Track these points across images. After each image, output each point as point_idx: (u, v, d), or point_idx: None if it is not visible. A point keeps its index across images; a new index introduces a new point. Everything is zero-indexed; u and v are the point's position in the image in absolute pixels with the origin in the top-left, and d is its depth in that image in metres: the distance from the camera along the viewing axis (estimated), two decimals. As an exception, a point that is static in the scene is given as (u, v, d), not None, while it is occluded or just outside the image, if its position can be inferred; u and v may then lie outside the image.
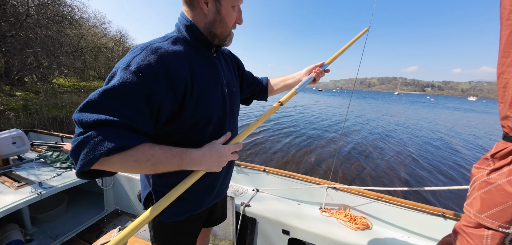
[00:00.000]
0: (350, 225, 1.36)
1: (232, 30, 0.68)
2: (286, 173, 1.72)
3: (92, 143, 0.43)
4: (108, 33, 19.26)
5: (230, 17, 0.62)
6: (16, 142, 1.92)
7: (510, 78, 0.58)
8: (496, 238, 0.59)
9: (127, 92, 0.47)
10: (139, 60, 0.50)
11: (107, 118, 0.45)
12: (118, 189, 1.98)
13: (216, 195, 0.82)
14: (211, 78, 0.65)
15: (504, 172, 0.58)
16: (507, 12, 0.57)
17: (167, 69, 0.52)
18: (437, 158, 5.99)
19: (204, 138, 0.65)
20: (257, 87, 0.97)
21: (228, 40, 0.68)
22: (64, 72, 11.31)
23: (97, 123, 0.45)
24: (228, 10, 0.61)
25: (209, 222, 0.93)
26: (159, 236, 0.76)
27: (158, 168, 0.52)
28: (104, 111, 0.46)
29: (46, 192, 1.52)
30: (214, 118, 0.65)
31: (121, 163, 0.47)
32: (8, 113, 6.40)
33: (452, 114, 20.13)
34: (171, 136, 0.62)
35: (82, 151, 0.44)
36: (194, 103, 0.59)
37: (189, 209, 0.74)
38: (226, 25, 0.63)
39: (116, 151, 0.45)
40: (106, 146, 0.43)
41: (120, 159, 0.47)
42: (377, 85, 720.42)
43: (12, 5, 8.43)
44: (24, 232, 1.63)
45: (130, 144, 0.47)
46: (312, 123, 10.54)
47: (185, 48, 0.60)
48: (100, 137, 0.44)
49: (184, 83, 0.55)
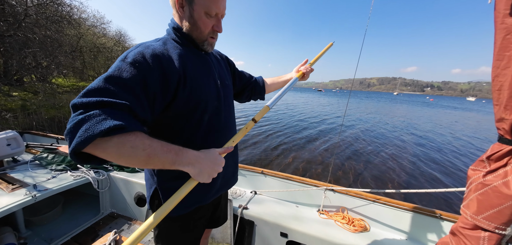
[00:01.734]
0: (348, 227, 1.35)
1: (210, 37, 0.69)
2: (284, 175, 1.71)
3: (93, 121, 0.43)
4: (108, 33, 19.24)
5: (203, 23, 0.65)
6: (10, 144, 1.89)
7: (504, 81, 0.58)
8: (493, 239, 0.59)
9: (126, 79, 0.50)
10: (135, 53, 0.55)
11: (109, 100, 0.47)
12: (114, 191, 1.96)
13: (222, 184, 0.81)
14: (202, 70, 0.69)
15: (500, 173, 0.59)
16: (501, 16, 0.58)
17: (160, 62, 0.57)
18: (435, 160, 6.02)
19: (201, 126, 0.68)
20: (251, 83, 1.01)
21: (206, 45, 0.70)
22: (63, 72, 11.26)
23: (99, 103, 0.46)
24: (201, 15, 0.64)
25: (212, 222, 0.94)
26: (164, 234, 0.76)
27: (152, 160, 0.51)
28: (105, 94, 0.47)
29: (41, 194, 1.50)
30: (210, 107, 0.68)
31: (118, 147, 0.46)
32: (5, 114, 6.34)
33: (450, 115, 20.29)
34: (170, 125, 0.65)
35: (81, 127, 0.43)
36: (188, 92, 0.62)
37: (196, 200, 0.74)
38: (199, 30, 0.66)
39: (116, 131, 0.45)
40: (108, 123, 0.43)
41: (118, 142, 0.46)
42: (377, 85, 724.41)
43: (10, 5, 8.40)
44: (18, 235, 1.60)
45: (130, 126, 0.48)
46: (310, 124, 10.56)
47: (175, 46, 0.65)
48: (102, 116, 0.44)
49: (176, 76, 0.59)
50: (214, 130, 0.72)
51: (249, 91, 1.01)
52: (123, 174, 1.93)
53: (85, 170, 1.89)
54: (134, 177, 1.88)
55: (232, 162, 0.84)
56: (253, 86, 1.01)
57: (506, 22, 0.57)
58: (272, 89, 1.08)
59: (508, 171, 0.57)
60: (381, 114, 17.37)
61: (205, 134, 0.70)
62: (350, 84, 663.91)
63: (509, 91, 0.57)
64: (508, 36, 0.56)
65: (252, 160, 5.29)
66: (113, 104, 0.47)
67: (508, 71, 0.57)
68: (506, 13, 0.56)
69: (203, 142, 0.70)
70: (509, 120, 0.58)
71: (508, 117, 0.58)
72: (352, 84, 1.80)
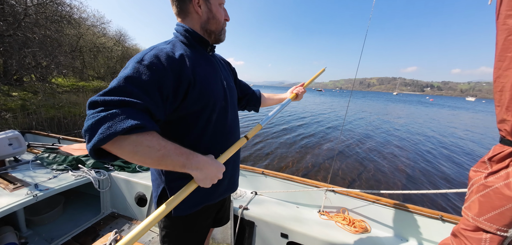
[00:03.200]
0: (349, 228, 1.35)
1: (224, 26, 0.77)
2: (285, 176, 1.71)
3: (116, 119, 0.45)
4: (107, 32, 19.22)
5: (219, 13, 0.73)
6: (12, 143, 1.90)
7: (506, 82, 0.58)
8: (494, 241, 0.59)
9: (144, 81, 0.53)
10: (151, 56, 0.57)
11: (130, 100, 0.49)
12: (115, 191, 1.96)
13: (228, 186, 0.84)
14: (210, 70, 0.72)
15: (502, 175, 0.58)
16: (503, 17, 0.57)
17: (173, 65, 0.60)
18: (436, 161, 6.02)
19: (210, 125, 0.70)
20: (250, 94, 1.07)
21: (223, 34, 0.78)
22: (63, 72, 11.26)
23: (121, 102, 0.48)
24: (217, 7, 0.72)
25: (215, 221, 0.97)
26: (172, 235, 0.77)
27: (165, 161, 0.53)
28: (125, 94, 0.50)
29: (42, 194, 1.50)
30: (218, 106, 0.71)
31: (135, 145, 0.48)
32: (5, 114, 6.34)
33: (450, 115, 20.28)
34: (180, 124, 0.68)
35: (103, 125, 0.45)
36: (198, 91, 0.65)
37: (204, 199, 0.76)
38: (218, 21, 0.73)
39: (135, 130, 0.47)
40: (129, 122, 0.46)
41: (136, 141, 0.48)
42: (377, 85, 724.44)
43: (10, 4, 8.40)
44: (19, 235, 1.61)
45: (149, 126, 0.50)
46: (310, 124, 10.55)
47: (185, 49, 0.68)
48: (124, 115, 0.46)
49: (187, 77, 0.62)
50: (221, 129, 0.75)
51: (246, 100, 1.06)
52: (124, 174, 1.94)
53: (86, 170, 1.89)
54: (135, 177, 1.88)
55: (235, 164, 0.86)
56: (250, 97, 1.06)
57: (508, 23, 0.56)
58: (267, 104, 1.14)
59: (510, 173, 0.57)
60: (382, 114, 17.37)
61: (214, 133, 0.72)
62: (350, 84, 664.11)
63: (511, 92, 0.57)
64: (510, 37, 0.56)
65: (253, 161, 5.29)
66: (133, 104, 0.49)
67: (510, 72, 0.57)
68: (508, 14, 0.56)
69: (211, 140, 0.72)
70: (511, 121, 0.58)
71: (510, 118, 0.58)
72: (352, 85, 1.80)
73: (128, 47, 21.48)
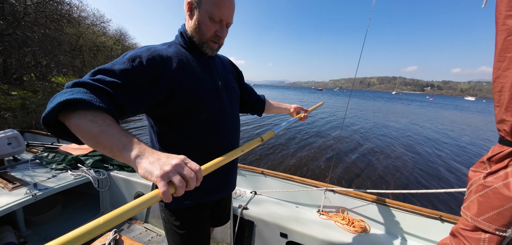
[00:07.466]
0: (348, 228, 1.36)
1: (212, 41, 0.72)
2: (284, 175, 1.72)
3: (63, 92, 0.49)
4: (107, 32, 19.20)
5: (205, 26, 0.69)
6: (11, 143, 1.89)
7: (505, 82, 0.58)
8: (493, 241, 0.59)
9: (115, 69, 0.55)
10: (133, 52, 0.61)
11: (88, 81, 0.51)
12: (114, 191, 1.96)
13: (221, 186, 0.84)
14: (203, 71, 0.73)
15: (501, 175, 0.59)
16: (503, 17, 0.57)
17: (154, 60, 0.61)
18: (435, 160, 6.03)
19: (198, 123, 0.72)
20: (255, 99, 1.10)
21: (206, 48, 0.73)
22: (63, 71, 11.24)
23: (79, 83, 0.51)
24: (205, 19, 0.68)
25: (214, 220, 0.99)
26: (170, 230, 0.81)
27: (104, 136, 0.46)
28: (91, 79, 0.52)
29: (41, 193, 1.50)
30: (208, 105, 0.72)
31: (79, 117, 0.46)
32: (4, 113, 6.33)
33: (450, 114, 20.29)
34: (171, 122, 0.70)
35: (54, 99, 0.48)
36: (185, 90, 0.67)
37: (193, 196, 0.78)
38: (202, 33, 0.70)
39: (82, 104, 0.47)
40: (75, 95, 0.47)
41: (80, 114, 0.47)
42: (377, 85, 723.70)
43: (9, 3, 8.38)
44: (18, 234, 1.60)
45: (101, 106, 0.49)
46: (310, 123, 10.56)
47: (178, 49, 0.71)
48: (74, 90, 0.49)
49: (171, 75, 0.64)
50: (215, 128, 0.75)
51: (251, 106, 1.10)
52: (124, 173, 1.93)
53: (85, 170, 1.89)
54: (135, 176, 1.88)
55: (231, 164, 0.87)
56: (256, 103, 1.10)
57: (508, 23, 0.56)
58: (269, 111, 1.18)
59: (508, 173, 0.57)
60: (381, 113, 17.38)
61: (204, 131, 0.73)
62: (350, 84, 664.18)
63: (510, 92, 0.57)
64: (510, 38, 0.56)
65: (252, 160, 5.30)
66: (91, 85, 0.51)
67: (509, 72, 0.57)
68: (507, 15, 0.56)
69: (201, 138, 0.73)
70: (510, 122, 0.58)
71: (509, 119, 0.58)
72: (352, 84, 1.80)
73: (128, 46, 21.46)
